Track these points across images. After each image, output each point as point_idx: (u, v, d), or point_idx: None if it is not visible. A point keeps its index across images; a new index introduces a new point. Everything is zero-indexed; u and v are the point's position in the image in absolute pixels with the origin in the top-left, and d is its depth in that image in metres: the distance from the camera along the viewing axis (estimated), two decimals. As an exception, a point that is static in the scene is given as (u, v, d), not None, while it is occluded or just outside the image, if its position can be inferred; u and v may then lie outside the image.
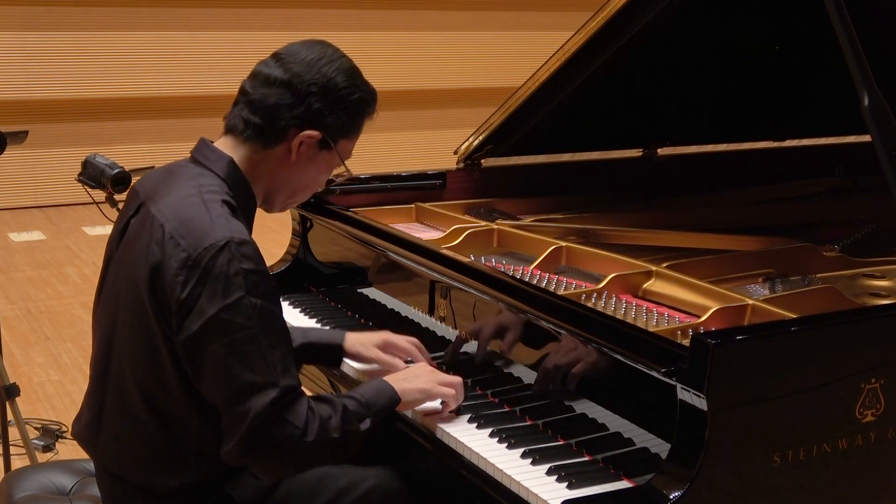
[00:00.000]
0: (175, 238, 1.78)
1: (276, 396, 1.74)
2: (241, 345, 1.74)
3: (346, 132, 1.96)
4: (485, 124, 3.06)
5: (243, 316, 1.74)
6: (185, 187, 1.87)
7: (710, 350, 1.60)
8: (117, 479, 1.96)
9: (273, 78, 1.90)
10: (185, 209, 1.82)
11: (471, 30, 9.81)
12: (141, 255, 1.83)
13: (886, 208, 2.17)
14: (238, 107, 1.95)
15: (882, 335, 1.82)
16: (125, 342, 1.88)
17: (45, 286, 6.16)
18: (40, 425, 3.91)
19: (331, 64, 1.91)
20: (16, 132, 3.39)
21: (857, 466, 1.79)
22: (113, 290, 1.93)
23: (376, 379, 2.02)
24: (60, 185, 8.26)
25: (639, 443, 1.80)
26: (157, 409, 1.86)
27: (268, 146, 1.92)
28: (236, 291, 1.74)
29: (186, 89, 8.70)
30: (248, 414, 1.73)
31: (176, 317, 1.76)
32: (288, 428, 1.75)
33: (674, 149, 3.40)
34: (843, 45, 2.11)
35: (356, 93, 1.94)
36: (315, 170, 1.98)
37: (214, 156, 1.93)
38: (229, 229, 1.78)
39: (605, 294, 2.24)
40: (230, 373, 1.74)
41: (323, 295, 2.84)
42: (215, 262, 1.74)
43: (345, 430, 1.83)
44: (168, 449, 1.88)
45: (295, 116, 1.89)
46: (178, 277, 1.75)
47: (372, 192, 2.99)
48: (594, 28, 2.69)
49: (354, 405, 1.88)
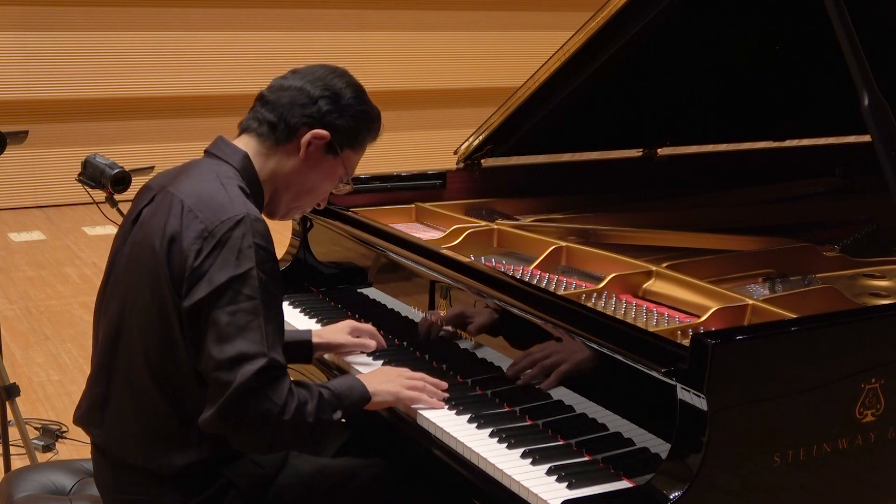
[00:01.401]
0: (194, 211, 1.89)
1: (264, 366, 1.80)
2: (243, 314, 1.82)
3: (352, 143, 2.07)
4: (485, 124, 3.06)
5: (250, 287, 1.83)
6: (203, 173, 1.99)
7: (710, 350, 1.60)
8: (118, 464, 1.98)
9: (288, 84, 2.06)
10: (204, 189, 1.93)
11: (471, 30, 9.81)
12: (158, 228, 1.91)
13: (886, 208, 2.17)
14: (253, 110, 2.08)
15: (882, 335, 1.82)
16: (138, 316, 1.93)
17: (45, 286, 6.16)
18: (40, 425, 3.91)
19: (341, 79, 2.07)
20: (16, 132, 3.39)
21: (857, 466, 1.79)
22: (126, 270, 1.99)
23: (349, 375, 2.12)
24: (60, 185, 8.26)
25: (639, 443, 1.80)
26: (165, 381, 1.91)
27: (279, 142, 2.03)
28: (247, 263, 1.84)
29: (186, 89, 8.70)
30: (233, 381, 1.79)
31: (187, 283, 1.85)
32: (267, 403, 1.81)
33: (674, 149, 3.40)
34: (843, 45, 2.11)
35: (362, 105, 2.08)
36: (320, 174, 2.07)
37: (230, 150, 2.04)
38: (246, 207, 1.90)
39: (605, 294, 2.24)
40: (227, 339, 1.81)
41: (323, 295, 2.84)
42: (231, 235, 1.84)
43: (318, 417, 1.89)
44: (173, 424, 1.93)
45: (306, 115, 2.02)
46: (194, 246, 1.85)
47: (372, 192, 2.99)
48: (594, 28, 2.69)
49: (329, 395, 1.95)
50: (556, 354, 1.97)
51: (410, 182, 3.09)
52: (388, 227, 2.60)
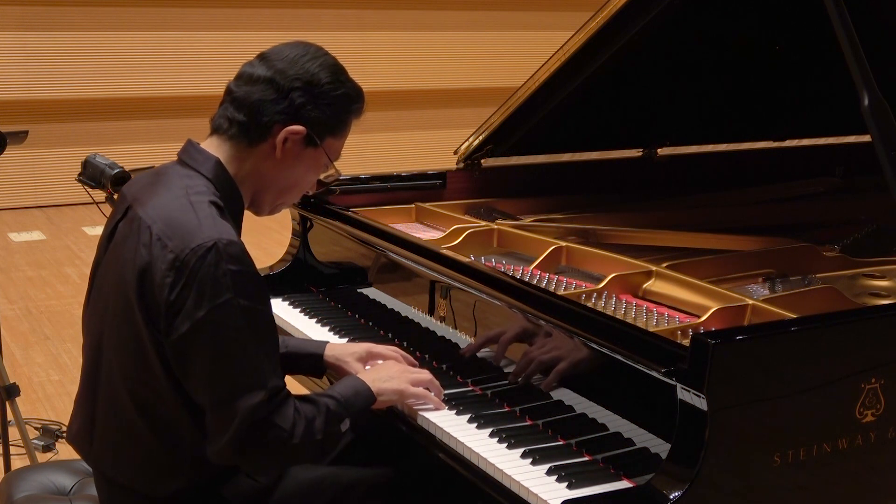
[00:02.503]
0: (162, 240, 1.77)
1: (265, 398, 1.75)
2: (228, 346, 1.74)
3: (333, 129, 1.94)
4: (485, 124, 3.06)
5: (231, 317, 1.74)
6: (173, 189, 1.86)
7: (710, 350, 1.60)
8: (113, 484, 1.95)
9: (256, 76, 1.89)
10: (172, 211, 1.81)
11: (471, 30, 9.81)
12: (129, 258, 1.82)
13: (886, 208, 2.17)
14: (223, 106, 1.94)
15: (882, 335, 1.82)
16: (114, 347, 1.87)
17: (45, 286, 6.16)
18: (40, 425, 3.91)
19: (314, 60, 1.90)
20: (16, 132, 3.39)
21: (857, 466, 1.79)
22: (101, 295, 1.93)
23: (352, 378, 2.03)
24: (60, 185, 8.26)
25: (639, 443, 1.80)
26: (149, 413, 1.85)
27: (252, 143, 1.90)
28: (224, 293, 1.73)
29: (186, 89, 8.70)
30: (236, 416, 1.74)
31: (164, 318, 1.76)
32: (276, 431, 1.77)
33: (674, 149, 3.40)
34: (843, 45, 2.11)
35: (340, 88, 1.92)
36: (302, 168, 1.95)
37: (201, 157, 1.91)
38: (217, 230, 1.77)
39: (605, 294, 2.24)
40: (218, 374, 1.75)
41: (323, 295, 2.84)
42: (203, 264, 1.73)
43: (327, 432, 1.85)
44: (162, 454, 1.87)
45: (278, 112, 1.87)
46: (167, 279, 1.75)
47: (372, 192, 2.99)
48: (594, 28, 2.69)
49: (335, 405, 1.89)
50: (554, 352, 1.97)
51: (410, 182, 3.09)
52: (388, 227, 2.60)
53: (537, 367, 2.01)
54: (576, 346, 1.91)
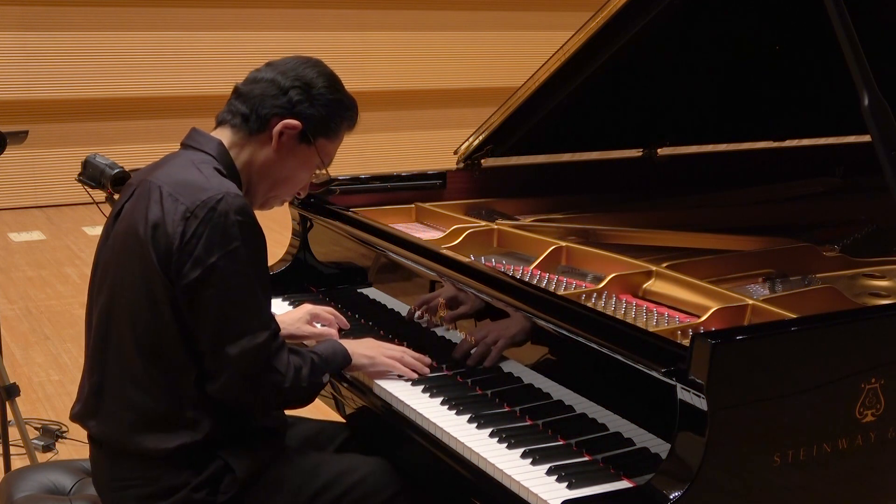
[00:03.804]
0: (174, 195, 1.93)
1: (268, 338, 1.92)
2: (237, 290, 1.90)
3: (326, 130, 2.11)
4: (485, 124, 3.06)
5: (240, 263, 1.89)
6: (179, 162, 2.04)
7: (710, 350, 1.60)
8: (114, 453, 2.01)
9: (261, 77, 2.11)
10: (180, 173, 1.99)
11: (471, 30, 9.81)
12: (140, 216, 1.95)
13: (886, 208, 2.17)
14: (229, 103, 2.13)
15: (882, 335, 1.82)
16: (126, 302, 1.97)
17: (45, 286, 6.16)
18: (40, 425, 3.91)
19: (313, 68, 2.12)
20: (16, 132, 3.39)
21: (857, 466, 1.79)
22: (112, 262, 2.02)
23: (331, 340, 2.26)
24: (60, 185, 8.26)
25: (639, 443, 1.80)
26: (157, 365, 1.95)
27: (252, 133, 2.08)
28: (233, 241, 1.89)
29: (186, 89, 8.70)
30: (244, 353, 1.89)
31: (175, 265, 1.89)
32: (273, 374, 1.94)
33: (674, 149, 3.40)
34: (843, 45, 2.11)
35: (335, 94, 2.12)
36: (294, 162, 2.11)
37: (204, 139, 2.08)
38: (224, 185, 1.95)
39: (605, 294, 2.24)
40: (228, 315, 1.90)
41: (323, 295, 2.84)
42: (214, 213, 1.89)
43: (311, 381, 2.03)
44: (167, 407, 1.96)
45: (277, 105, 2.06)
46: (178, 228, 1.90)
47: (372, 192, 2.99)
48: (594, 28, 2.69)
49: (318, 360, 2.08)
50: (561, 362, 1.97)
51: (410, 182, 3.09)
52: (388, 227, 2.60)
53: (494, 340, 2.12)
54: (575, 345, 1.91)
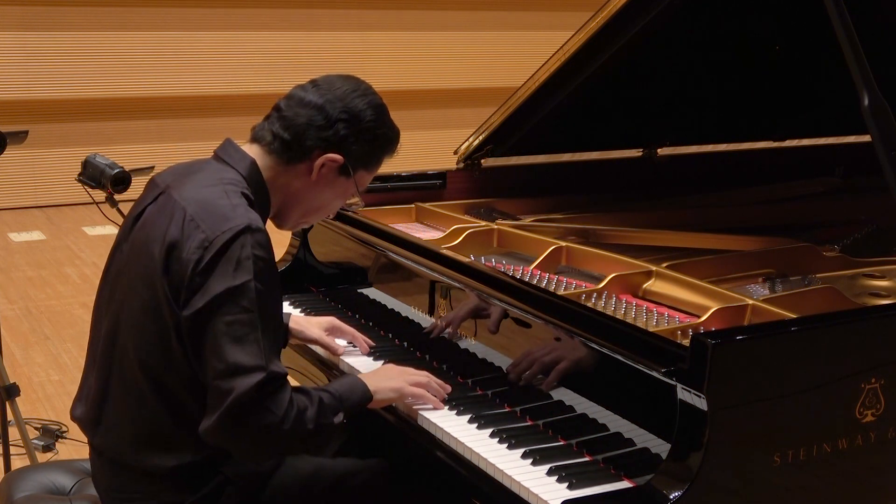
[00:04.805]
0: (196, 220, 1.87)
1: (262, 380, 1.80)
2: (239, 326, 1.81)
3: (367, 164, 2.06)
4: (485, 124, 3.06)
5: (247, 299, 1.82)
6: (207, 178, 1.96)
7: (710, 350, 1.60)
8: (115, 464, 1.99)
9: (307, 101, 2.00)
10: (207, 195, 1.91)
11: (471, 30, 9.81)
12: (158, 234, 1.90)
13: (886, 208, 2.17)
14: (269, 121, 2.04)
15: (882, 335, 1.82)
16: (133, 319, 1.93)
17: (45, 286, 6.16)
18: (40, 425, 3.91)
19: (362, 98, 2.02)
20: (16, 132, 3.39)
21: (857, 466, 1.79)
22: (125, 270, 1.99)
23: (351, 376, 2.11)
24: (60, 185, 8.26)
25: (639, 443, 1.80)
26: (160, 385, 1.91)
27: (290, 162, 2.00)
28: (244, 275, 1.82)
29: (186, 89, 8.70)
30: (231, 392, 1.78)
31: (185, 292, 1.84)
32: (268, 415, 1.81)
33: (674, 149, 3.40)
34: (843, 45, 2.11)
35: (382, 128, 2.05)
36: (331, 194, 2.06)
37: (238, 155, 2.01)
38: (248, 217, 1.87)
39: (605, 294, 2.24)
40: (224, 350, 1.80)
41: (323, 295, 2.84)
42: (231, 245, 1.83)
43: (319, 423, 1.89)
44: (169, 426, 1.92)
45: (322, 138, 1.99)
46: (194, 256, 1.83)
47: (372, 192, 2.99)
48: (594, 28, 2.69)
49: (329, 398, 1.94)
50: (555, 353, 1.97)
51: (410, 182, 3.09)
52: (388, 227, 2.60)
53: (539, 368, 2.01)
54: (574, 344, 1.91)
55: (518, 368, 2.06)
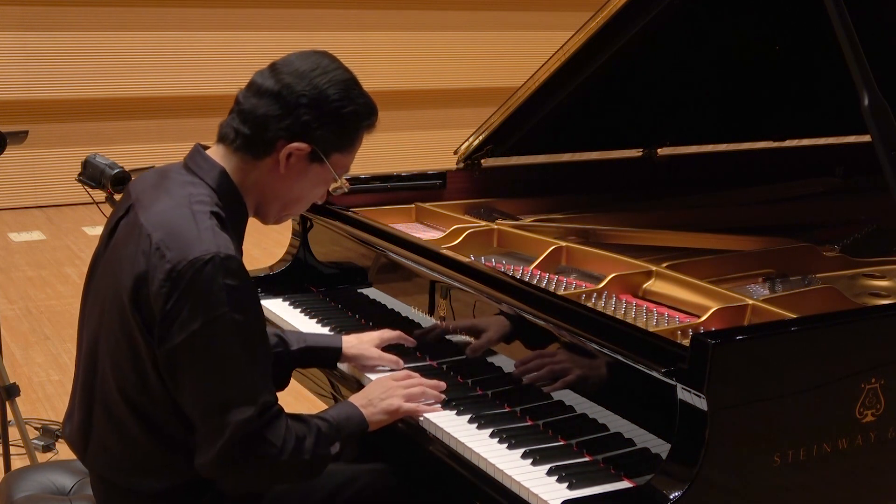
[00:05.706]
0: (161, 249, 1.76)
1: (255, 413, 1.75)
2: (221, 361, 1.74)
3: (340, 146, 1.92)
4: (485, 124, 3.06)
5: (225, 332, 1.73)
6: (175, 196, 1.85)
7: (710, 350, 1.60)
8: (108, 483, 1.96)
9: (264, 89, 1.88)
10: (173, 218, 1.80)
11: (471, 30, 9.81)
12: (127, 263, 1.81)
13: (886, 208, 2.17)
14: (231, 115, 1.93)
15: (882, 335, 1.82)
16: (110, 347, 1.87)
17: (45, 286, 6.16)
18: (40, 425, 3.91)
19: (324, 75, 1.88)
20: (16, 132, 3.39)
21: (857, 466, 1.79)
22: (98, 296, 1.92)
23: (346, 403, 2.03)
24: (60, 185, 8.26)
25: (639, 443, 1.80)
26: (143, 415, 1.85)
27: (257, 157, 1.89)
28: (219, 307, 1.73)
29: (186, 89, 8.70)
30: (226, 429, 1.73)
31: (159, 328, 1.75)
32: (266, 446, 1.77)
33: (674, 149, 3.40)
34: (843, 45, 2.11)
35: (349, 106, 1.89)
36: (307, 183, 1.94)
37: (207, 165, 1.90)
38: (216, 243, 1.76)
39: (605, 294, 2.24)
40: (209, 388, 1.75)
41: (323, 295, 2.84)
42: (199, 276, 1.72)
43: (315, 453, 1.85)
44: (156, 453, 1.87)
45: (283, 128, 1.86)
46: (162, 289, 1.74)
47: (372, 192, 2.99)
48: (594, 28, 2.69)
49: (326, 428, 1.89)
50: (562, 360, 1.96)
51: (410, 182, 3.09)
52: (388, 227, 2.60)
53: (547, 374, 1.99)
54: (580, 352, 1.91)
55: (525, 370, 2.05)
